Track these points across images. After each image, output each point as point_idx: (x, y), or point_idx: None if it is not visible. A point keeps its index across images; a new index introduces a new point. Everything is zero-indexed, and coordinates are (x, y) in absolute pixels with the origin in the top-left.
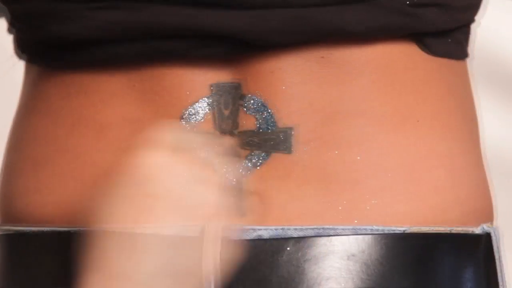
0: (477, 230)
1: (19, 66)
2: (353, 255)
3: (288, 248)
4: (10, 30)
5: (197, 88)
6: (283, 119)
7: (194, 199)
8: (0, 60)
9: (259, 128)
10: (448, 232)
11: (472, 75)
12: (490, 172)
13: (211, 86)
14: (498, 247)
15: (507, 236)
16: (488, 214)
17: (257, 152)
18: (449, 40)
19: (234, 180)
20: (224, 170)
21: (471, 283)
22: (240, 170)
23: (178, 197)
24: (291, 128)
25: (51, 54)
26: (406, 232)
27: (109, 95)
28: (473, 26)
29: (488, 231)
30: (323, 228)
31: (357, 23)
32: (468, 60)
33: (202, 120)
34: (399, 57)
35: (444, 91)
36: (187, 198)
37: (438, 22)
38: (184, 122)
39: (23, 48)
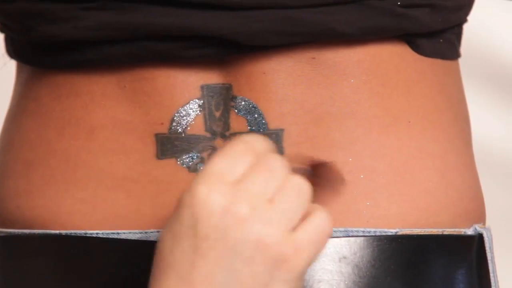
0: (469, 231)
1: (10, 65)
2: (344, 257)
3: None
4: (1, 29)
5: (188, 89)
6: (274, 121)
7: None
8: None
9: (250, 130)
10: (440, 233)
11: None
12: (490, 172)
13: (202, 87)
14: (490, 248)
15: (507, 235)
16: (480, 215)
17: None
18: (441, 40)
19: None
20: None
21: (464, 284)
22: None
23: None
24: (282, 130)
25: (43, 55)
26: (398, 234)
27: (100, 96)
28: (467, 26)
29: (480, 232)
30: None
31: (347, 24)
32: (462, 59)
33: (193, 122)
34: (390, 58)
35: (436, 91)
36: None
37: (430, 23)
38: (175, 124)
39: (15, 48)
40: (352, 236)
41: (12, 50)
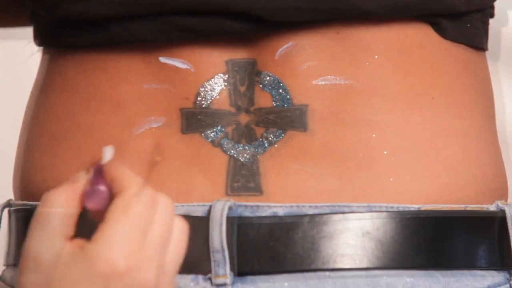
0: (492, 207)
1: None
2: (368, 232)
3: (303, 225)
4: (30, 18)
5: (213, 64)
6: (299, 96)
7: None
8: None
9: (275, 105)
10: (463, 209)
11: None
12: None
13: (227, 62)
14: None
15: None
16: (502, 192)
17: (272, 129)
18: (468, 25)
19: (248, 158)
20: (235, 149)
21: (485, 260)
22: (256, 148)
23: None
24: (306, 105)
25: (68, 35)
26: (421, 209)
27: (125, 71)
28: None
29: (502, 208)
30: (338, 205)
31: (370, 1)
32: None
33: (217, 97)
34: (414, 35)
35: (460, 68)
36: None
37: (453, 3)
38: (200, 99)
39: (41, 34)
40: (375, 212)
41: (39, 37)
